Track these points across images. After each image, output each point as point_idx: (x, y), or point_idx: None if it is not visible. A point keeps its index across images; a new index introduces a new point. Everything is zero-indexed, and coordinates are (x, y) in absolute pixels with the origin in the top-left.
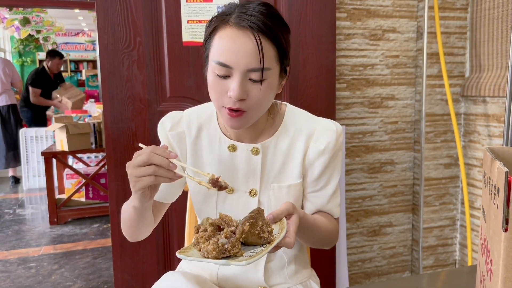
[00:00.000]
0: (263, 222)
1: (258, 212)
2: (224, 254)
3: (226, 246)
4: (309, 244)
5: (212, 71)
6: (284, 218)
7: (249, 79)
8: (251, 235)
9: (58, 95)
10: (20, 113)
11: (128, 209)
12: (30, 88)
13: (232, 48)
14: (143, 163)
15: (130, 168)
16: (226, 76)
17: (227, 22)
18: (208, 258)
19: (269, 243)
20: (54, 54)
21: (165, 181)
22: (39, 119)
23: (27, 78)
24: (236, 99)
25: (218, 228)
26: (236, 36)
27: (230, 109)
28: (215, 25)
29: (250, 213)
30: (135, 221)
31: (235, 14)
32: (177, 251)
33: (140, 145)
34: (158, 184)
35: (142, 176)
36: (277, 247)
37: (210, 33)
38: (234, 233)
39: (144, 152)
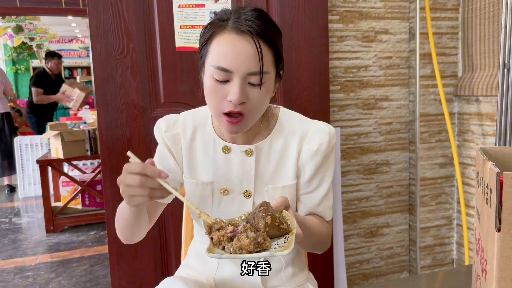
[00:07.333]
0: (278, 214)
1: (268, 206)
2: (257, 248)
3: (258, 240)
4: (300, 246)
5: (210, 77)
6: (284, 210)
7: (248, 83)
8: (272, 228)
9: (68, 87)
10: (27, 119)
11: (123, 209)
12: (33, 88)
13: (231, 52)
14: (136, 185)
15: (122, 185)
16: (225, 81)
17: (225, 27)
18: (242, 253)
19: (287, 233)
20: (53, 55)
21: (159, 199)
22: (45, 125)
23: (30, 82)
24: (237, 102)
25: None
26: (236, 41)
27: (230, 116)
28: (212, 31)
29: (260, 207)
30: (130, 221)
31: (232, 19)
32: (206, 252)
33: (129, 154)
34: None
35: (136, 196)
36: None
37: (207, 39)
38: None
39: (134, 173)
